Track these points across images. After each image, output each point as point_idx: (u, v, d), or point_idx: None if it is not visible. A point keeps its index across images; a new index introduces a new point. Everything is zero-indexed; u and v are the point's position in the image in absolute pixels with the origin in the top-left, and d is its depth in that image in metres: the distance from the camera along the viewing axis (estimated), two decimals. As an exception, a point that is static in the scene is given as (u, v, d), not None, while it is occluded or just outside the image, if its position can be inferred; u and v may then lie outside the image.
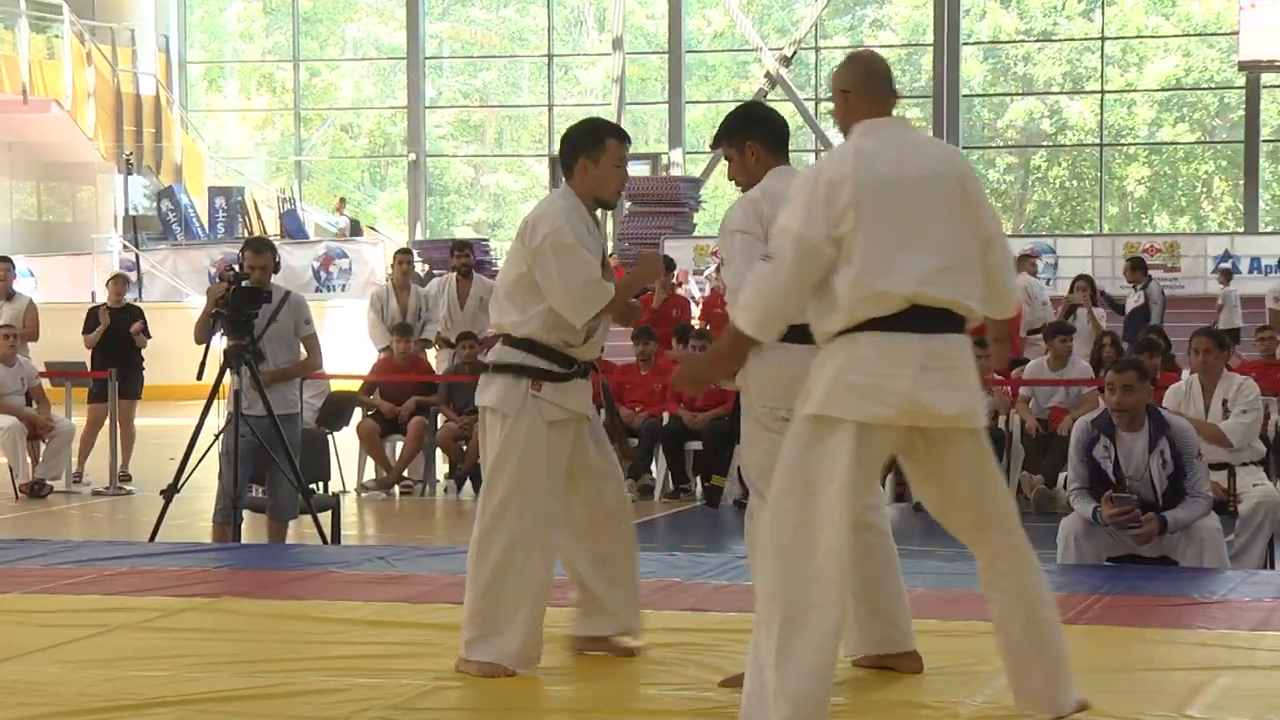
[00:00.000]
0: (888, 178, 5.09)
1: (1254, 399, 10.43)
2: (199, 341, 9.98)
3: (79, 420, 15.68)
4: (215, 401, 9.91)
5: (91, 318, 15.96)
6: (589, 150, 6.35)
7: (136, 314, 16.09)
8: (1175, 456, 8.49)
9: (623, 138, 6.43)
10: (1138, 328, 17.26)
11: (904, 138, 5.24)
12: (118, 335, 15.75)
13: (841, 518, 4.99)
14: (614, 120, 35.25)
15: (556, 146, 6.66)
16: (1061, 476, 12.92)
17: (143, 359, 15.93)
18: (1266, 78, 31.80)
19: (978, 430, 5.23)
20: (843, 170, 5.10)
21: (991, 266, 5.24)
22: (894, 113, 5.32)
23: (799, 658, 4.95)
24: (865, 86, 5.29)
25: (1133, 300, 19.27)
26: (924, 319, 5.06)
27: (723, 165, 6.37)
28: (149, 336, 15.95)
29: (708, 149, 35.61)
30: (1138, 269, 19.71)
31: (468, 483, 15.00)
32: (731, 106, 6.23)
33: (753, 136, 5.97)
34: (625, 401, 14.87)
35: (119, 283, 16.57)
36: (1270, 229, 33.48)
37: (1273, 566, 9.60)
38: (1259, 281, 26.67)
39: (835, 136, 35.84)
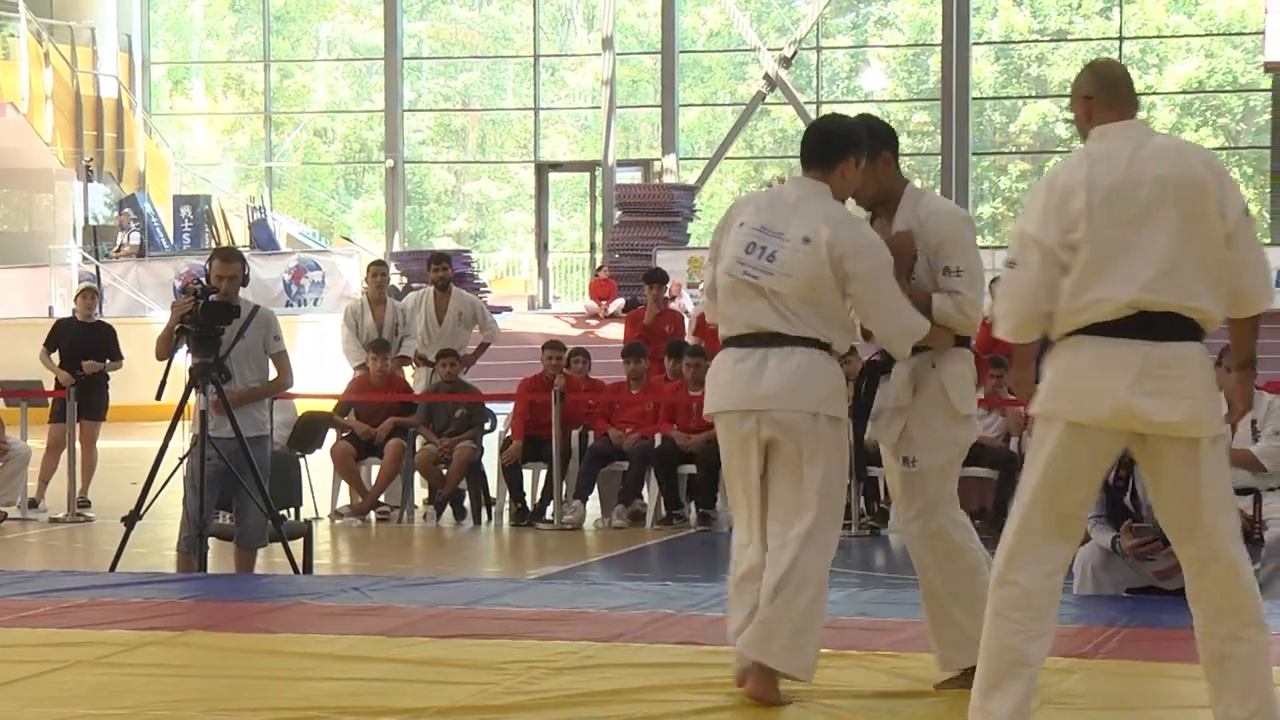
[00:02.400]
0: (1117, 183, 5.38)
1: None
2: (160, 358, 9.95)
3: (35, 443, 15.66)
4: (180, 423, 9.89)
5: (55, 333, 15.91)
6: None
7: (107, 330, 16.02)
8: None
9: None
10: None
11: (1140, 141, 5.50)
12: (85, 353, 15.65)
13: (1028, 507, 5.42)
14: (604, 125, 35.37)
15: (542, 152, 6.69)
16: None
17: (108, 378, 15.88)
18: (1295, 80, 31.85)
19: (1199, 440, 5.40)
20: (1075, 176, 5.42)
21: (1231, 263, 5.42)
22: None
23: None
24: (1107, 92, 5.63)
25: None
26: (1148, 325, 5.33)
27: (717, 173, 6.51)
28: (120, 357, 15.86)
29: (704, 155, 35.76)
30: None
31: (448, 509, 14.99)
32: (728, 110, 6.42)
33: (889, 148, 6.45)
34: (615, 422, 14.87)
35: (87, 297, 16.46)
36: (1298, 240, 33.53)
37: (1300, 597, 9.60)
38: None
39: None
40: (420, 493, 15.46)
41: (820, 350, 6.14)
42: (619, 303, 28.82)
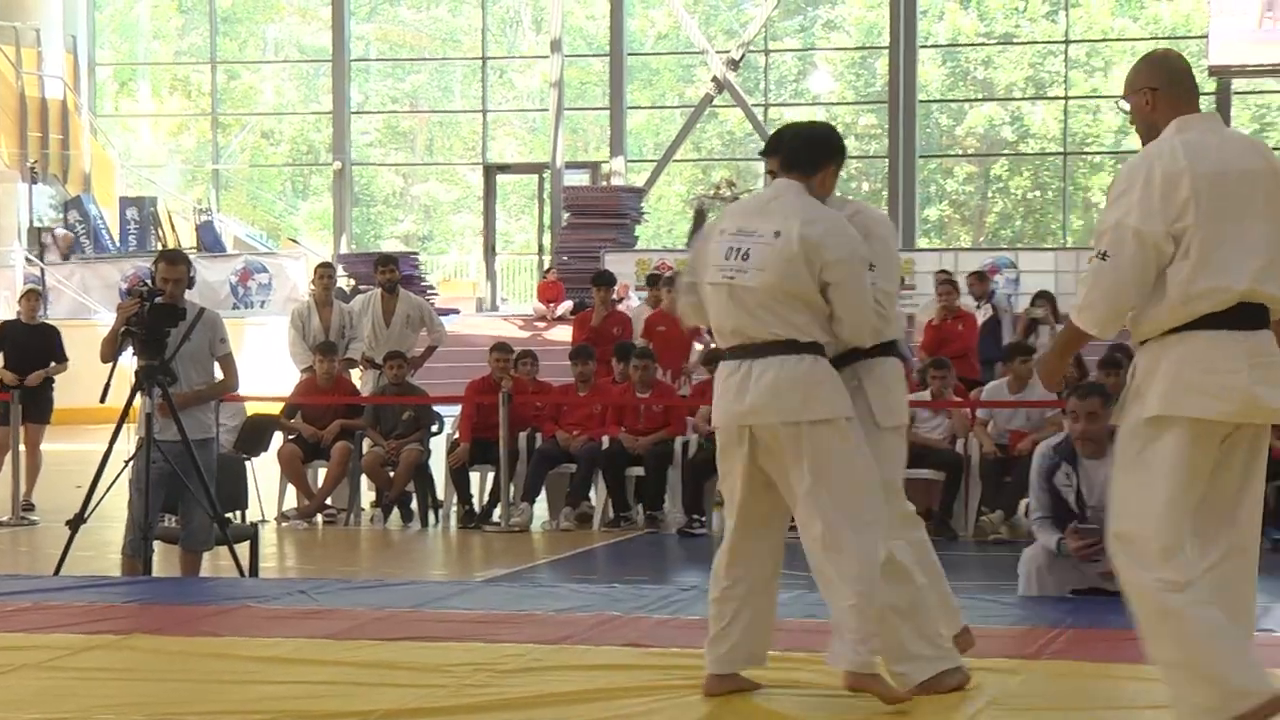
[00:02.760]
0: (1216, 173, 5.37)
1: None
2: (105, 360, 9.91)
3: (-21, 446, 15.56)
4: (125, 426, 9.85)
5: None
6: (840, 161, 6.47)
7: (51, 333, 15.93)
8: (1141, 485, 8.53)
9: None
10: (991, 343, 17.38)
11: (1219, 133, 5.54)
12: (30, 355, 15.56)
13: (1166, 519, 5.31)
14: (552, 127, 35.35)
15: (490, 154, 6.69)
16: (1023, 504, 12.99)
17: (53, 381, 15.79)
18: (1238, 83, 32.07)
19: (1266, 428, 5.49)
20: (1175, 166, 5.37)
21: None
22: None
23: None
24: (1176, 83, 5.58)
25: (981, 315, 19.35)
26: (1249, 315, 5.36)
27: (665, 176, 6.52)
28: (65, 359, 15.78)
29: (651, 158, 35.77)
30: (982, 280, 19.84)
31: (395, 511, 14.96)
32: (676, 113, 6.42)
33: (843, 161, 6.48)
34: (563, 424, 14.86)
35: (31, 299, 16.37)
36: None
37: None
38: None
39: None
40: (367, 495, 15.42)
41: (800, 354, 6.04)
42: (567, 305, 28.82)
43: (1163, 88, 5.58)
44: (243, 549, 10.62)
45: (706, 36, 35.24)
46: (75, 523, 9.94)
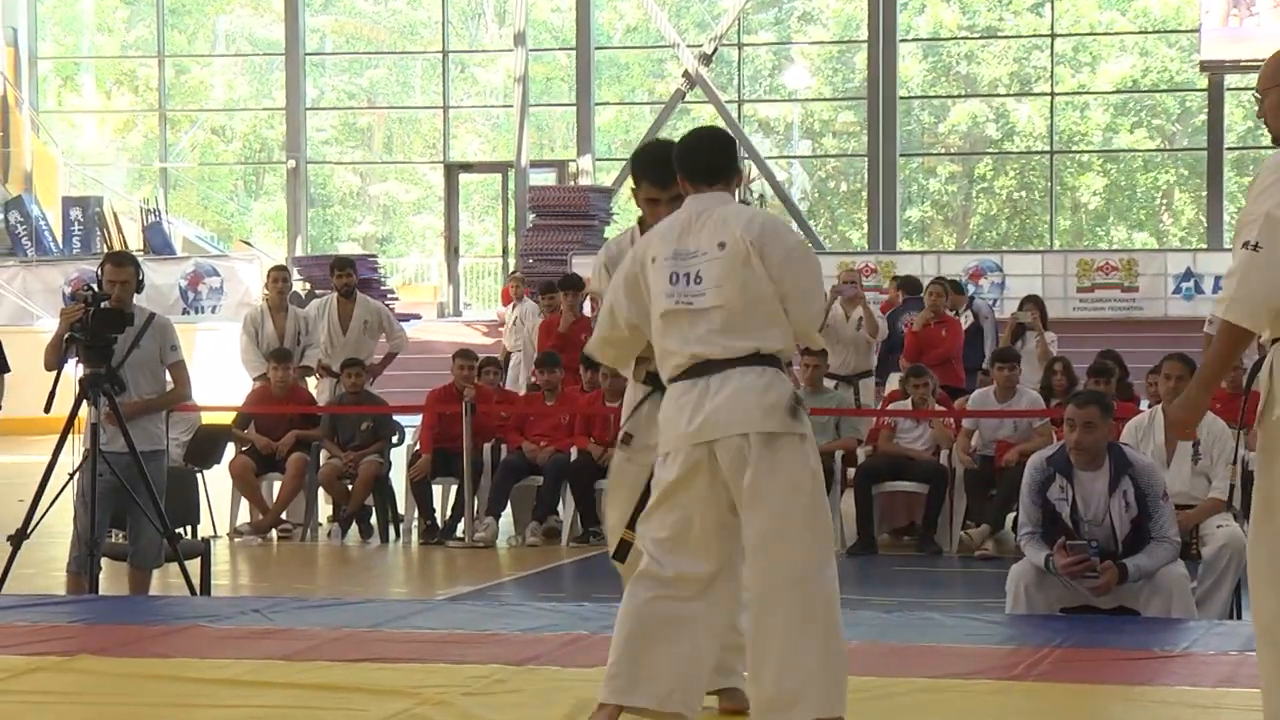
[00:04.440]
0: None
1: (1230, 445, 10.46)
2: (49, 368, 9.89)
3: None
4: (70, 436, 9.82)
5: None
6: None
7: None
8: (1139, 498, 8.57)
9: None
10: (973, 351, 17.45)
11: None
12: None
13: None
14: (516, 124, 35.29)
15: (452, 153, 6.69)
16: (1010, 519, 13.02)
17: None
18: (1231, 79, 32.17)
19: None
20: None
21: None
22: None
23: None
24: None
25: (962, 321, 19.44)
26: None
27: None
28: (6, 369, 15.71)
29: (621, 156, 35.76)
30: (958, 291, 19.94)
31: (353, 526, 14.94)
32: (646, 109, 6.43)
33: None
34: (529, 435, 14.86)
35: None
36: (1236, 245, 33.87)
37: (1239, 616, 9.68)
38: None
39: (759, 142, 36.04)
40: (324, 509, 15.40)
41: (762, 365, 6.05)
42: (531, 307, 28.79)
43: None
44: (194, 566, 10.60)
45: (678, 30, 35.26)
46: (17, 538, 9.90)
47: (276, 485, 15.08)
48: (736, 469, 5.96)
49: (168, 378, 10.40)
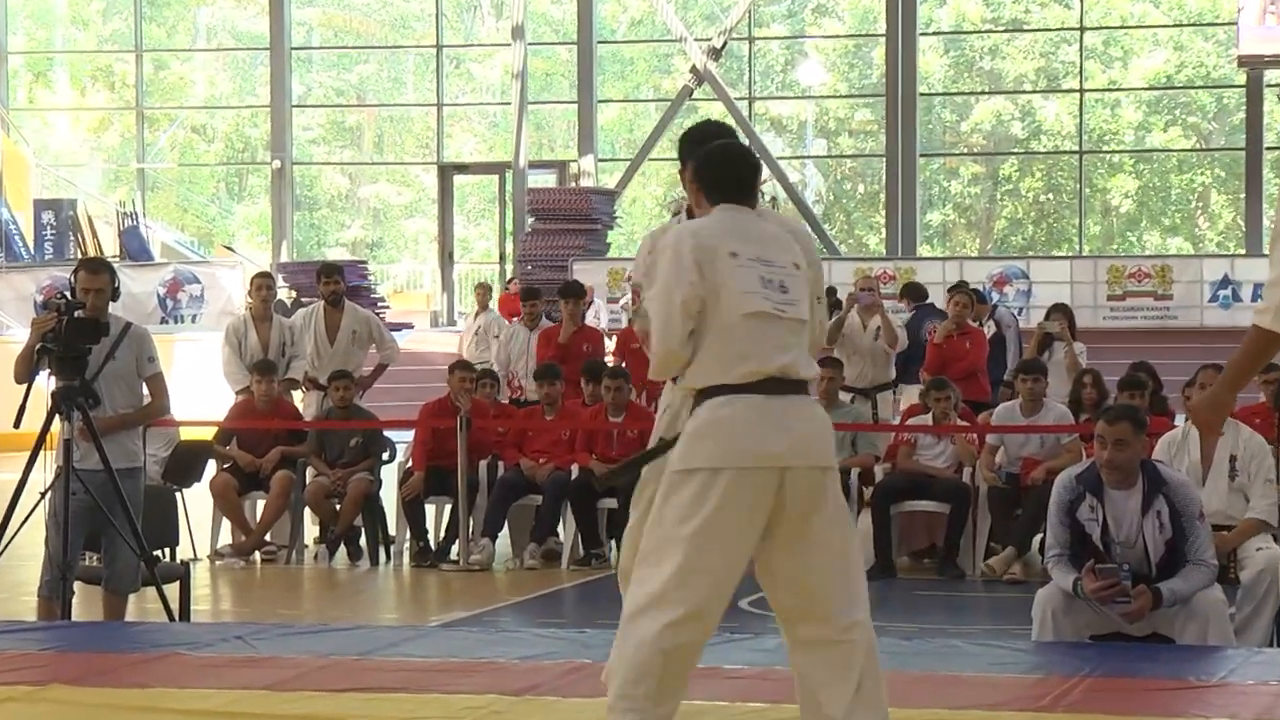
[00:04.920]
0: None
1: (1270, 461, 10.45)
2: (20, 381, 9.89)
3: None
4: (42, 453, 9.82)
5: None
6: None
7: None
8: (1174, 518, 8.55)
9: None
10: (996, 362, 17.47)
11: None
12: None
13: None
14: (515, 123, 35.30)
15: (446, 153, 6.68)
16: (1037, 540, 13.00)
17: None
18: (1270, 75, 32.20)
19: None
20: None
21: None
22: None
23: None
24: None
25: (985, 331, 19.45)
26: None
27: (639, 177, 6.52)
28: None
29: (625, 157, 35.82)
30: (980, 299, 19.97)
31: (341, 548, 14.94)
32: (651, 107, 6.42)
33: None
34: (527, 451, 14.86)
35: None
36: (1276, 250, 33.86)
37: (1280, 643, 9.68)
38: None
39: (772, 142, 36.05)
40: (310, 530, 15.40)
41: (811, 396, 6.18)
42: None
43: None
44: (172, 590, 10.59)
45: (685, 22, 35.32)
46: (-14, 561, 9.91)
47: (260, 505, 15.07)
48: (804, 501, 5.96)
49: (145, 391, 10.40)
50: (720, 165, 6.28)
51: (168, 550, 11.86)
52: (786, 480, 5.93)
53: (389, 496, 15.13)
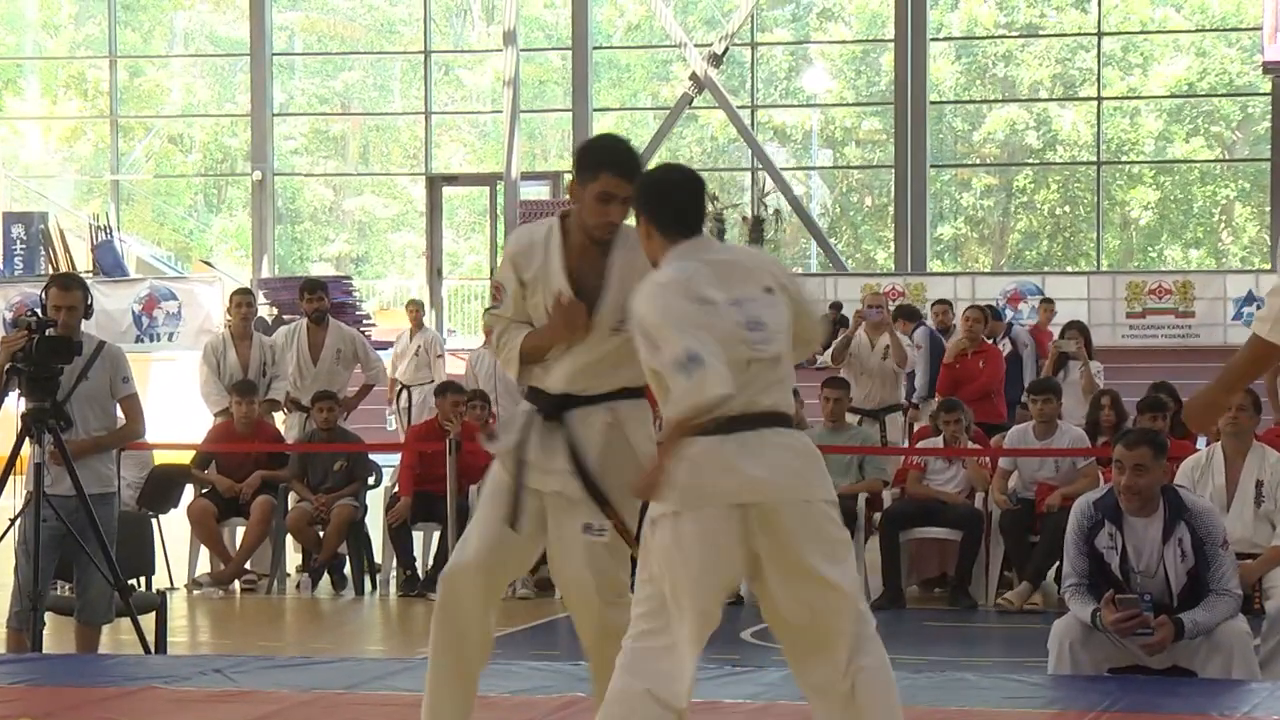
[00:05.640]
0: None
1: None
2: (-12, 403, 9.91)
3: None
4: (11, 478, 9.83)
5: None
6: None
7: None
8: (1196, 546, 8.56)
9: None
10: (1010, 383, 17.50)
11: None
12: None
13: None
14: (506, 132, 35.25)
15: (435, 163, 6.69)
16: (1053, 569, 13.01)
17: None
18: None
19: None
20: None
21: None
22: None
23: None
24: None
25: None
26: None
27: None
28: None
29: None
30: (995, 317, 20.00)
31: (325, 577, 14.94)
32: (649, 115, 6.40)
33: None
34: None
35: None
36: (1303, 265, 33.91)
37: (1307, 677, 9.67)
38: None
39: (775, 152, 36.08)
40: (293, 558, 15.40)
41: (791, 426, 6.11)
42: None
43: None
44: (148, 621, 10.58)
45: (684, 27, 35.34)
46: (-47, 591, 9.92)
47: (240, 531, 15.08)
48: (789, 535, 5.91)
49: (119, 413, 10.41)
50: (672, 194, 6.19)
51: (143, 579, 11.87)
52: (755, 516, 5.89)
53: (375, 523, 15.14)
